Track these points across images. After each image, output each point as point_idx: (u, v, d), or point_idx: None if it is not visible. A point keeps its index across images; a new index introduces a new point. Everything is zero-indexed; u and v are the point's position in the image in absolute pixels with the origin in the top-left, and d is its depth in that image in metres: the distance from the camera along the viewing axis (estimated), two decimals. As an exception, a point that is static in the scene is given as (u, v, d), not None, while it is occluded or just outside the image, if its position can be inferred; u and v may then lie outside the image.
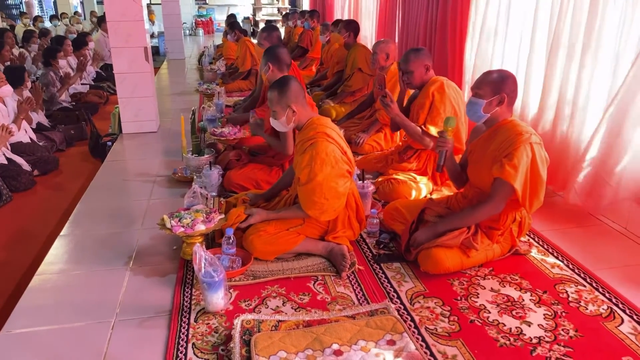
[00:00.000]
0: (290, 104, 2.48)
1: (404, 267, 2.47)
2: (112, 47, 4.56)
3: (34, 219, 3.49)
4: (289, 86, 2.49)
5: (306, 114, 2.54)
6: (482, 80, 2.42)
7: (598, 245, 2.71)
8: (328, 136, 2.46)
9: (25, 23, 11.55)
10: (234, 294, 2.25)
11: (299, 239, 2.52)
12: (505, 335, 1.99)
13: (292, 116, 2.51)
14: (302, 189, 2.45)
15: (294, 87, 2.50)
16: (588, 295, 2.25)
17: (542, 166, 2.31)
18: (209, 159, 3.48)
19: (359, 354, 1.81)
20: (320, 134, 2.45)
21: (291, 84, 2.50)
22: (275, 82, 2.58)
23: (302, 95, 2.54)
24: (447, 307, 2.16)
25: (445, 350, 1.90)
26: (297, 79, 2.67)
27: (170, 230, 2.40)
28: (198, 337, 1.97)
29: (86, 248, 2.73)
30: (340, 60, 5.61)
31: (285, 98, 2.48)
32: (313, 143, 2.44)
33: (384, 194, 3.21)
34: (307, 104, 2.58)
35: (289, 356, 1.80)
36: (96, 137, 4.75)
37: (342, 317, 2.05)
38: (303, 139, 2.51)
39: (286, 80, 2.54)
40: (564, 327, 2.03)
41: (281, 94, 2.48)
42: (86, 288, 2.36)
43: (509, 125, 2.38)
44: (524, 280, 2.36)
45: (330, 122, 2.58)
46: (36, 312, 2.17)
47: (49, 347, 1.95)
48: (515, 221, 2.46)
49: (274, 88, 2.52)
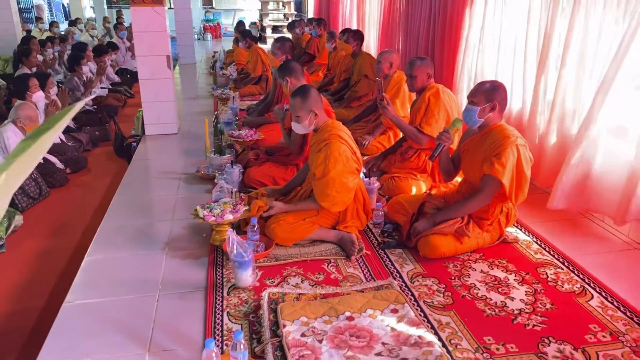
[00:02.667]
0: (312, 108, 2.85)
1: (405, 253, 2.83)
2: (137, 56, 4.94)
3: (70, 212, 3.86)
4: (310, 93, 2.86)
5: (323, 118, 2.91)
6: (476, 90, 2.79)
7: (577, 235, 3.06)
8: (340, 138, 2.83)
9: (41, 28, 11.94)
10: (259, 273, 2.61)
11: (313, 227, 2.88)
12: (491, 307, 2.34)
13: (314, 119, 2.87)
14: (317, 183, 2.81)
15: (314, 93, 2.87)
16: (565, 276, 2.60)
17: (527, 165, 2.67)
18: (230, 159, 3.85)
19: (368, 320, 2.17)
20: (334, 136, 2.82)
21: (311, 91, 2.88)
22: (297, 89, 2.94)
23: (320, 100, 2.92)
24: (443, 285, 2.52)
25: (440, 319, 2.26)
26: (315, 87, 3.04)
27: (203, 219, 2.77)
28: (232, 307, 2.34)
29: (125, 236, 3.09)
30: (347, 68, 5.99)
31: (308, 103, 2.84)
32: (328, 143, 2.81)
33: (388, 190, 3.57)
34: (323, 109, 2.95)
35: (309, 321, 2.16)
36: (120, 138, 5.13)
37: (353, 291, 2.42)
38: (319, 140, 2.88)
39: (307, 88, 2.92)
40: (541, 302, 2.39)
41: (304, 100, 2.84)
42: (130, 268, 2.72)
43: (499, 129, 2.74)
44: (509, 264, 2.71)
45: (342, 126, 2.95)
46: (90, 288, 2.53)
47: (106, 314, 2.31)
48: (502, 212, 2.82)
49: (296, 95, 2.88)
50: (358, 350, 1.99)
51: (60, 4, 22.05)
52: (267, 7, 15.99)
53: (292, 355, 1.95)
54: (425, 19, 5.47)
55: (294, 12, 16.20)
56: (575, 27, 3.22)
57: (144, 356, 2.04)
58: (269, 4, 16.03)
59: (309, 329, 2.10)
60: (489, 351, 2.05)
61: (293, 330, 2.09)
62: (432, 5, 5.31)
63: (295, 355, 1.95)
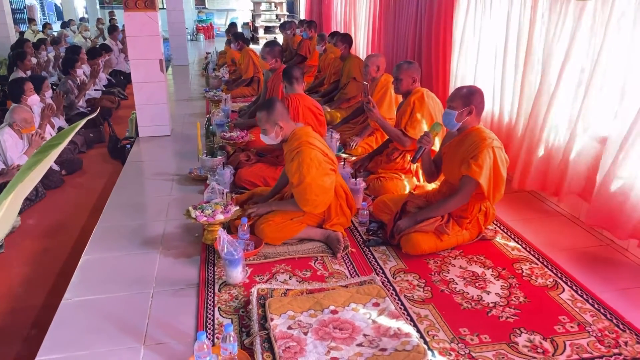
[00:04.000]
0: (277, 121, 2.96)
1: (388, 250, 2.97)
2: (130, 60, 5.06)
3: (66, 212, 3.98)
4: (274, 106, 2.97)
5: (289, 127, 3.02)
6: (454, 95, 2.93)
7: (552, 232, 3.21)
8: (310, 144, 2.94)
9: (34, 30, 11.97)
10: (249, 270, 2.74)
11: (301, 227, 3.01)
12: (468, 301, 2.48)
13: (280, 131, 2.99)
14: (296, 191, 2.93)
15: (279, 107, 2.98)
16: (539, 271, 2.75)
17: (502, 166, 2.82)
18: (222, 160, 3.98)
19: (351, 313, 2.31)
20: (304, 143, 2.94)
21: (276, 105, 2.98)
22: (262, 104, 3.06)
23: (286, 112, 3.03)
24: (423, 280, 2.66)
25: (419, 312, 2.40)
26: (281, 100, 3.14)
27: (195, 219, 2.90)
28: (222, 303, 2.47)
29: (121, 236, 3.20)
30: (336, 70, 6.13)
31: (273, 116, 2.95)
32: (299, 151, 2.93)
33: (374, 189, 3.71)
34: (290, 119, 3.06)
35: (296, 315, 2.29)
36: (115, 140, 5.24)
37: (337, 287, 2.55)
38: (290, 149, 3.00)
39: (272, 102, 3.01)
40: (515, 295, 2.53)
41: (269, 114, 2.95)
42: (126, 267, 2.84)
43: (476, 132, 2.88)
44: (487, 260, 2.86)
45: (311, 130, 3.08)
46: (87, 285, 2.66)
47: (103, 310, 2.44)
48: (481, 211, 2.96)
49: (262, 109, 2.98)
50: (341, 342, 2.13)
51: (52, 4, 22.05)
52: (259, 8, 16.08)
53: (279, 346, 2.08)
54: (412, 24, 5.62)
55: (286, 13, 16.31)
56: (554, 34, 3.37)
57: (139, 349, 2.17)
58: (262, 5, 16.12)
59: (295, 322, 2.23)
60: (463, 341, 2.19)
61: (280, 323, 2.22)
62: (418, 10, 5.46)
63: (282, 347, 2.08)
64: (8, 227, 0.96)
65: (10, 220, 0.97)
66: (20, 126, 4.25)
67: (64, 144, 0.96)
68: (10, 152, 4.14)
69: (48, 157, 0.93)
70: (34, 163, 0.93)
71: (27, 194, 0.95)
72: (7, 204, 0.85)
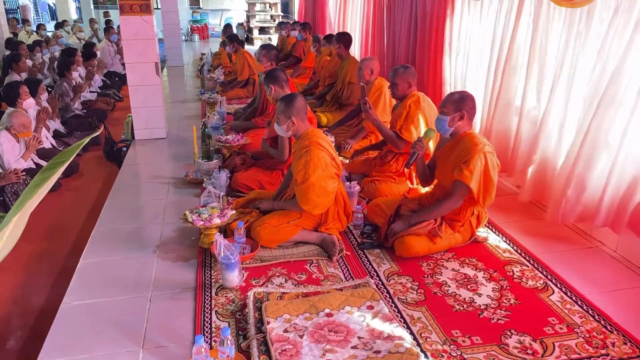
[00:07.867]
0: (291, 116, 3.03)
1: (382, 253, 3.02)
2: (126, 63, 5.08)
3: (64, 216, 4.01)
4: (294, 102, 3.06)
5: (304, 127, 3.10)
6: (446, 101, 2.98)
7: (543, 235, 3.27)
8: (320, 145, 3.01)
9: (27, 30, 11.94)
10: (245, 274, 2.78)
11: (297, 230, 3.06)
12: (460, 303, 2.54)
13: (291, 126, 3.07)
14: (298, 188, 2.99)
15: (298, 103, 3.07)
16: (529, 273, 2.81)
17: (493, 170, 2.88)
18: (217, 164, 4.02)
19: (345, 316, 2.36)
20: (313, 143, 3.00)
21: (297, 101, 3.07)
22: (286, 95, 3.18)
23: (303, 111, 3.11)
24: (416, 282, 2.72)
25: (412, 314, 2.45)
26: (304, 99, 3.22)
27: (192, 223, 2.94)
28: (219, 306, 2.51)
29: (118, 239, 3.24)
30: (331, 73, 6.16)
31: (289, 110, 3.04)
32: (307, 150, 2.99)
33: (368, 192, 3.76)
34: (306, 119, 3.13)
35: (292, 318, 2.34)
36: (111, 143, 5.26)
37: (332, 290, 2.60)
38: (300, 147, 3.06)
39: (294, 97, 3.12)
40: (506, 297, 2.59)
41: (287, 107, 3.05)
42: (124, 270, 2.88)
43: (468, 137, 2.94)
44: (479, 262, 2.92)
45: (322, 134, 3.14)
46: (86, 289, 2.69)
47: (102, 314, 2.48)
48: (473, 215, 3.02)
49: (283, 100, 3.11)
50: (336, 344, 2.18)
51: (46, 4, 21.96)
52: (254, 9, 16.11)
53: (275, 349, 2.13)
54: (405, 28, 5.68)
55: (281, 14, 16.34)
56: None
57: (138, 352, 2.21)
58: (256, 5, 16.15)
59: (291, 325, 2.28)
60: (455, 343, 2.24)
61: (276, 326, 2.27)
62: (411, 15, 5.51)
63: (278, 350, 2.13)
64: (15, 242, 1.01)
65: (17, 235, 1.01)
66: (18, 130, 4.27)
67: (70, 160, 1.00)
68: (7, 155, 4.17)
69: (55, 174, 0.97)
70: (41, 180, 0.97)
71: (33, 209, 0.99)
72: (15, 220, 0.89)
